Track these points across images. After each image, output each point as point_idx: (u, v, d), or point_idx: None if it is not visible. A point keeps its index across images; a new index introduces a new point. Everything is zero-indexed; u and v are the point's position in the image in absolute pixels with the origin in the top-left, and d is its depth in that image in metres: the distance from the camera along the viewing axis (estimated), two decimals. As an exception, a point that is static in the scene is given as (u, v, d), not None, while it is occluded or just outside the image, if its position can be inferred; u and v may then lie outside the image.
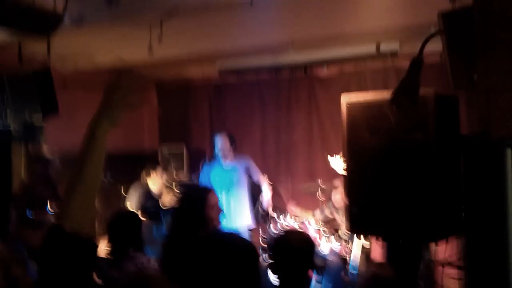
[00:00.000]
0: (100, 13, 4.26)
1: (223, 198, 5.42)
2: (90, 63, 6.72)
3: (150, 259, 3.36)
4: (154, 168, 6.45)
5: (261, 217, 6.18)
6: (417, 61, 2.38)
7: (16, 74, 5.99)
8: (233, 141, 5.97)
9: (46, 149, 5.96)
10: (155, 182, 6.42)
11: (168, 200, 6.99)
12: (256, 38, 5.23)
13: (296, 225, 5.68)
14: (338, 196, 5.80)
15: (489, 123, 2.32)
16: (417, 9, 4.72)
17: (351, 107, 3.02)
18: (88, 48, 6.28)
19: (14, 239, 3.40)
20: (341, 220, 5.74)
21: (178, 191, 6.79)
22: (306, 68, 6.93)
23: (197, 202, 3.21)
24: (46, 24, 2.96)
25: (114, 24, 4.73)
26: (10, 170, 5.28)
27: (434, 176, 2.69)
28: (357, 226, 3.08)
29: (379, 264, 2.82)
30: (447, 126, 2.82)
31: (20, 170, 6.57)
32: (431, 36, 2.37)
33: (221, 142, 5.88)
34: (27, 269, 2.34)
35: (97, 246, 1.66)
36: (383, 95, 2.97)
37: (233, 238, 1.95)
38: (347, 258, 5.38)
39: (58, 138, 6.73)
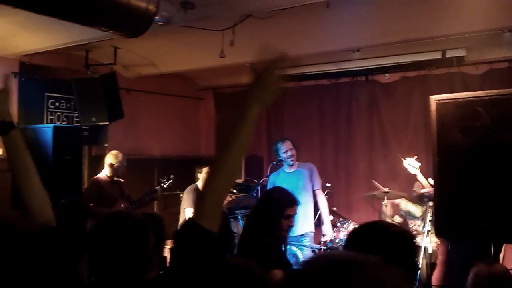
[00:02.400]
0: (176, 17, 4.31)
1: None
2: (154, 69, 6.86)
3: None
4: (200, 169, 6.52)
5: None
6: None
7: (83, 79, 6.18)
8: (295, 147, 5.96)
9: (115, 155, 6.06)
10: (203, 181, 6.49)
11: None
12: (325, 44, 5.22)
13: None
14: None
15: None
16: (487, 15, 4.63)
17: (440, 105, 2.97)
18: (154, 53, 6.43)
19: None
20: (413, 227, 5.66)
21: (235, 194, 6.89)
22: (368, 73, 6.91)
23: (275, 207, 3.21)
24: (139, 23, 3.04)
25: (185, 28, 4.79)
26: (81, 167, 5.42)
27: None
28: (446, 228, 3.03)
29: (492, 262, 2.65)
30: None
31: (84, 171, 6.74)
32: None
33: (286, 148, 5.85)
34: None
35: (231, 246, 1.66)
36: (476, 93, 2.94)
37: None
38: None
39: (120, 140, 6.90)
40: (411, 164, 5.43)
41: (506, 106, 2.75)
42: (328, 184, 6.20)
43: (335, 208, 6.34)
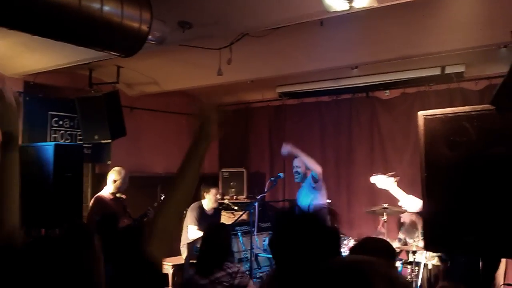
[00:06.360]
0: (173, 37, 4.39)
1: None
2: (157, 87, 6.95)
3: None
4: (207, 189, 6.59)
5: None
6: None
7: (86, 97, 6.26)
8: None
9: (118, 171, 6.11)
10: (209, 201, 6.58)
11: (226, 219, 7.11)
12: (322, 62, 5.28)
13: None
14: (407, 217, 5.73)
15: None
16: (482, 31, 4.67)
17: (428, 120, 3.00)
18: (157, 72, 6.52)
19: None
20: (412, 243, 5.63)
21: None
22: (368, 90, 6.95)
23: None
24: (132, 43, 3.12)
25: (184, 47, 4.87)
26: (81, 184, 5.48)
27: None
28: (435, 243, 3.04)
29: (451, 284, 2.67)
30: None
31: (87, 188, 6.81)
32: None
33: (293, 165, 6.20)
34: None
35: None
36: (462, 109, 2.97)
37: None
38: (413, 282, 5.27)
39: (123, 157, 6.96)
40: (379, 180, 5.45)
41: (491, 120, 2.78)
42: (328, 201, 6.21)
43: (335, 225, 6.33)
